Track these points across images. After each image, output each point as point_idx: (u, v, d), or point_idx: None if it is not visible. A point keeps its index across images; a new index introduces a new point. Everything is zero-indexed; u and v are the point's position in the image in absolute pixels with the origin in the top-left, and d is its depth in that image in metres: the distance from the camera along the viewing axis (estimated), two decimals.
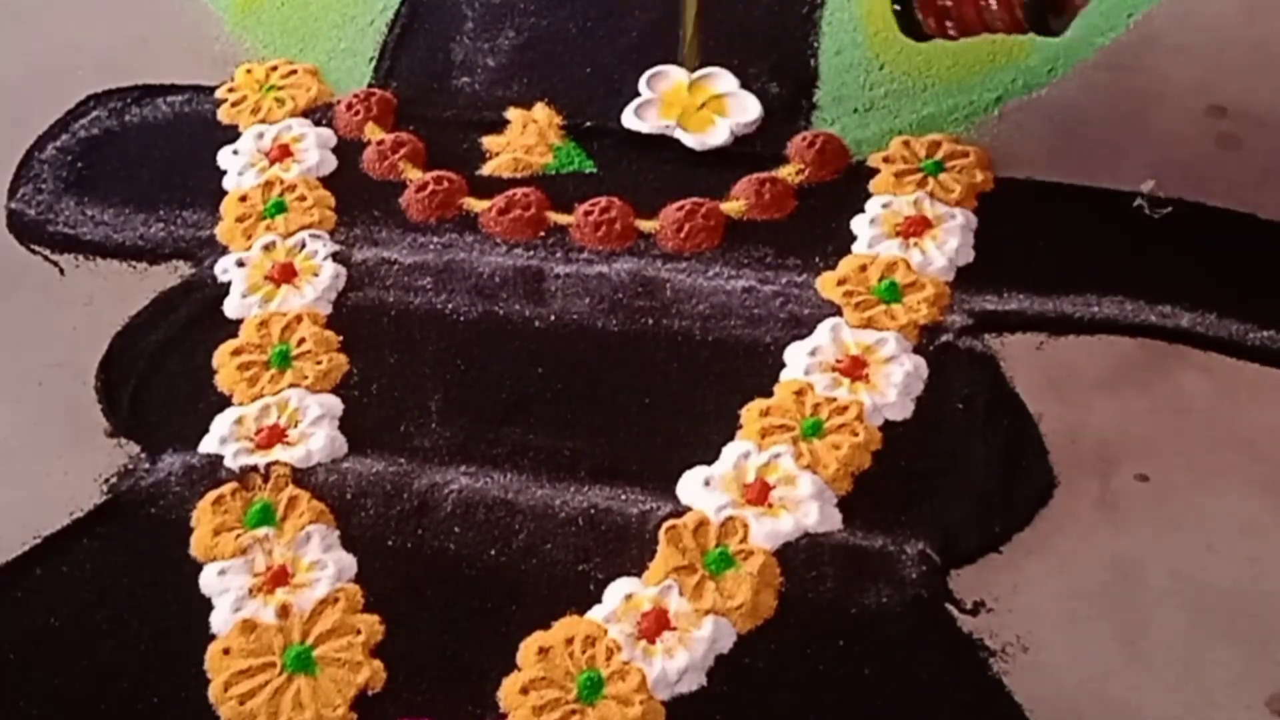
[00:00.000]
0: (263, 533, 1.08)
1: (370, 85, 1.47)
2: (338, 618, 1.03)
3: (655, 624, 1.02)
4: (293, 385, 1.19)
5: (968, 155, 1.34)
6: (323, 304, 1.26)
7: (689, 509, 1.09)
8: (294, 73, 1.48)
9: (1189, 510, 1.07)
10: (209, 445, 1.15)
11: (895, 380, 1.16)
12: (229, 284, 1.28)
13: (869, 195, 1.32)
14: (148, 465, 1.15)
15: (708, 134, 1.39)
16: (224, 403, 1.18)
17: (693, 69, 1.38)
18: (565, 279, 1.26)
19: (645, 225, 1.30)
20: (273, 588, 1.05)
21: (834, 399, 1.15)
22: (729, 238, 1.29)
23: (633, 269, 1.26)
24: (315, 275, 1.28)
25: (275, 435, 1.15)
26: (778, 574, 1.05)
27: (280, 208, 1.34)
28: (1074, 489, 1.09)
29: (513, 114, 1.43)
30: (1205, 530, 1.06)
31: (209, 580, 1.06)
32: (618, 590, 1.04)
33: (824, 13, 1.52)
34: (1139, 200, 1.29)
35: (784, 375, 1.18)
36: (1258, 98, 1.38)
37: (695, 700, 0.99)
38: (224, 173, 1.38)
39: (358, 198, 1.36)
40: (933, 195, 1.30)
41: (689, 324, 1.22)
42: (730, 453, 1.12)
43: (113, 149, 1.42)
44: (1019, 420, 1.14)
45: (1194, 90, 1.39)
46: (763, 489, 1.09)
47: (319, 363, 1.21)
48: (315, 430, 1.15)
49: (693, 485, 1.10)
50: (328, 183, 1.37)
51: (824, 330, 1.20)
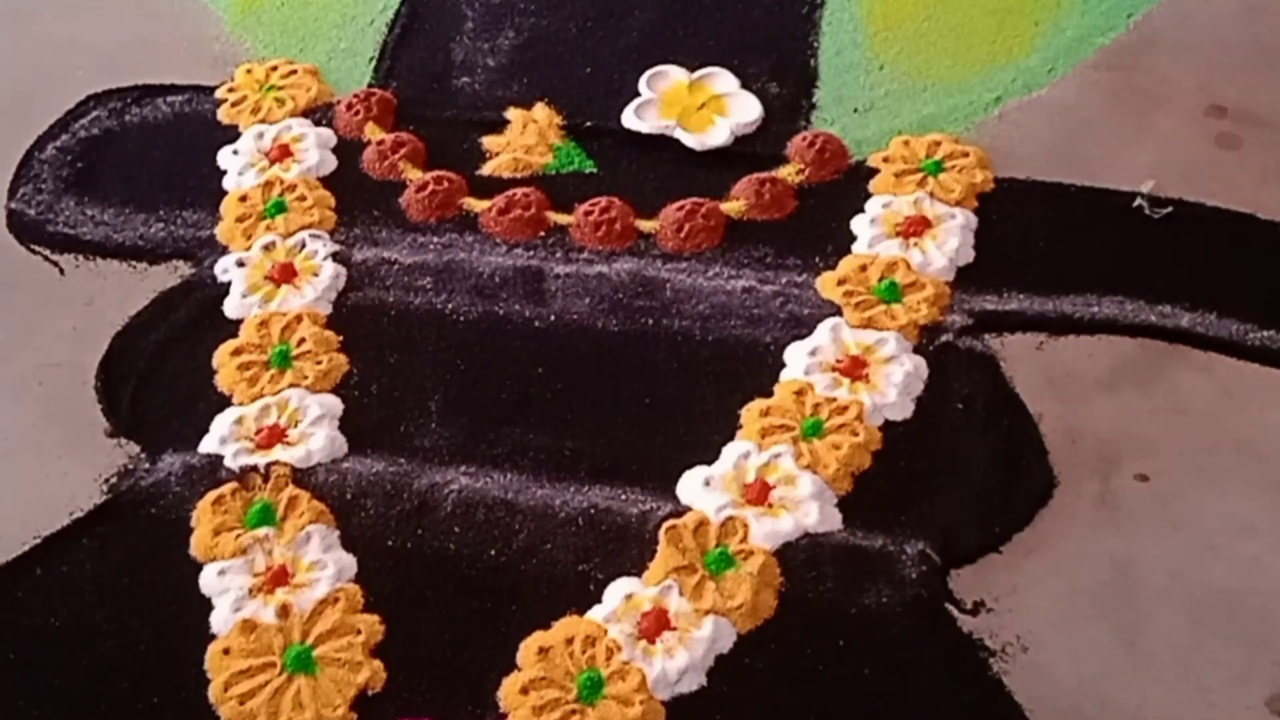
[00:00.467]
0: (263, 533, 1.08)
1: (370, 85, 1.47)
2: (338, 618, 1.03)
3: (655, 624, 1.02)
4: (293, 385, 1.19)
5: (968, 155, 1.34)
6: (323, 304, 1.26)
7: (689, 509, 1.09)
8: (294, 73, 1.48)
9: (1189, 510, 1.07)
10: (209, 445, 1.15)
11: (895, 380, 1.16)
12: (229, 284, 1.28)
13: (869, 195, 1.32)
14: (148, 465, 1.15)
15: (708, 134, 1.39)
16: (224, 403, 1.18)
17: None
18: (565, 279, 1.26)
19: (645, 225, 1.30)
20: (273, 588, 1.05)
21: (834, 399, 1.15)
22: (729, 238, 1.29)
23: (633, 269, 1.26)
24: (315, 275, 1.28)
25: (275, 435, 1.15)
26: (778, 574, 1.05)
27: (280, 208, 1.34)
28: (1074, 489, 1.09)
29: (513, 114, 1.43)
30: (1205, 530, 1.06)
31: (209, 580, 1.06)
32: (618, 590, 1.04)
33: (824, 13, 1.52)
34: (1139, 200, 1.29)
35: (784, 375, 1.18)
36: (1258, 98, 1.38)
37: (695, 700, 0.99)
38: (224, 173, 1.38)
39: (358, 198, 1.36)
40: (933, 195, 1.30)
41: (689, 324, 1.22)
42: (730, 453, 1.12)
43: (113, 149, 1.42)
44: (1019, 420, 1.14)
45: (1194, 90, 1.39)
46: (763, 489, 1.09)
47: (319, 363, 1.21)
48: (315, 430, 1.15)
49: (693, 485, 1.10)
50: (328, 183, 1.37)
51: (824, 330, 1.20)
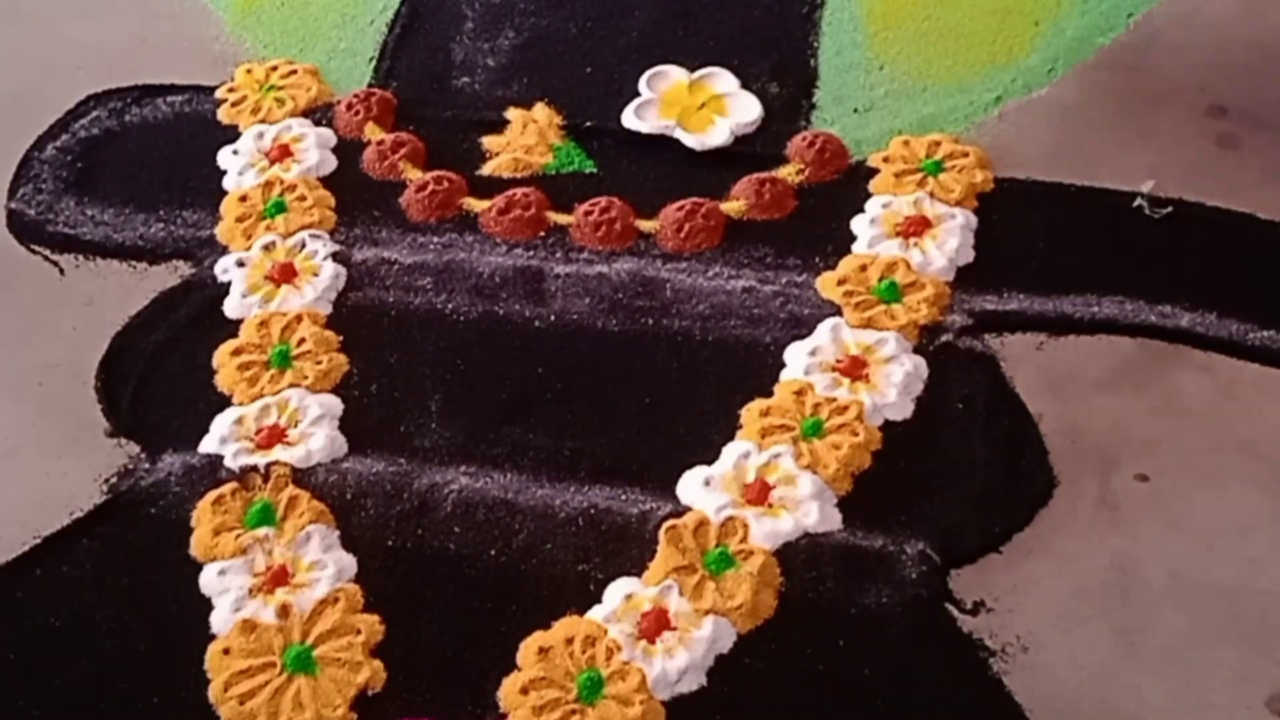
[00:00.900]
0: (263, 533, 1.08)
1: (370, 85, 1.47)
2: (338, 618, 1.03)
3: (655, 624, 1.02)
4: (293, 385, 1.19)
5: (968, 155, 1.34)
6: (323, 304, 1.26)
7: (689, 509, 1.09)
8: (294, 73, 1.48)
9: (1189, 510, 1.07)
10: (209, 445, 1.15)
11: (895, 380, 1.16)
12: (229, 284, 1.28)
13: (869, 195, 1.32)
14: (148, 465, 1.15)
15: (708, 134, 1.39)
16: (224, 403, 1.18)
17: None
18: (565, 279, 1.26)
19: (645, 225, 1.30)
20: (273, 588, 1.05)
21: (834, 399, 1.15)
22: (729, 238, 1.29)
23: (633, 269, 1.26)
24: (315, 275, 1.28)
25: (275, 435, 1.15)
26: (778, 574, 1.05)
27: (280, 208, 1.34)
28: (1074, 489, 1.09)
29: (513, 114, 1.43)
30: (1205, 530, 1.06)
31: (209, 580, 1.06)
32: (618, 590, 1.04)
33: (824, 13, 1.52)
34: (1139, 200, 1.29)
35: (784, 375, 1.18)
36: (1258, 98, 1.38)
37: (695, 700, 0.99)
38: (224, 173, 1.38)
39: (358, 198, 1.36)
40: (933, 195, 1.30)
41: (689, 324, 1.22)
42: (730, 453, 1.12)
43: (113, 149, 1.42)
44: (1019, 420, 1.14)
45: (1194, 90, 1.39)
46: (763, 489, 1.09)
47: (319, 363, 1.21)
48: (315, 430, 1.15)
49: (693, 485, 1.10)
50: (328, 183, 1.37)
51: (824, 330, 1.20)
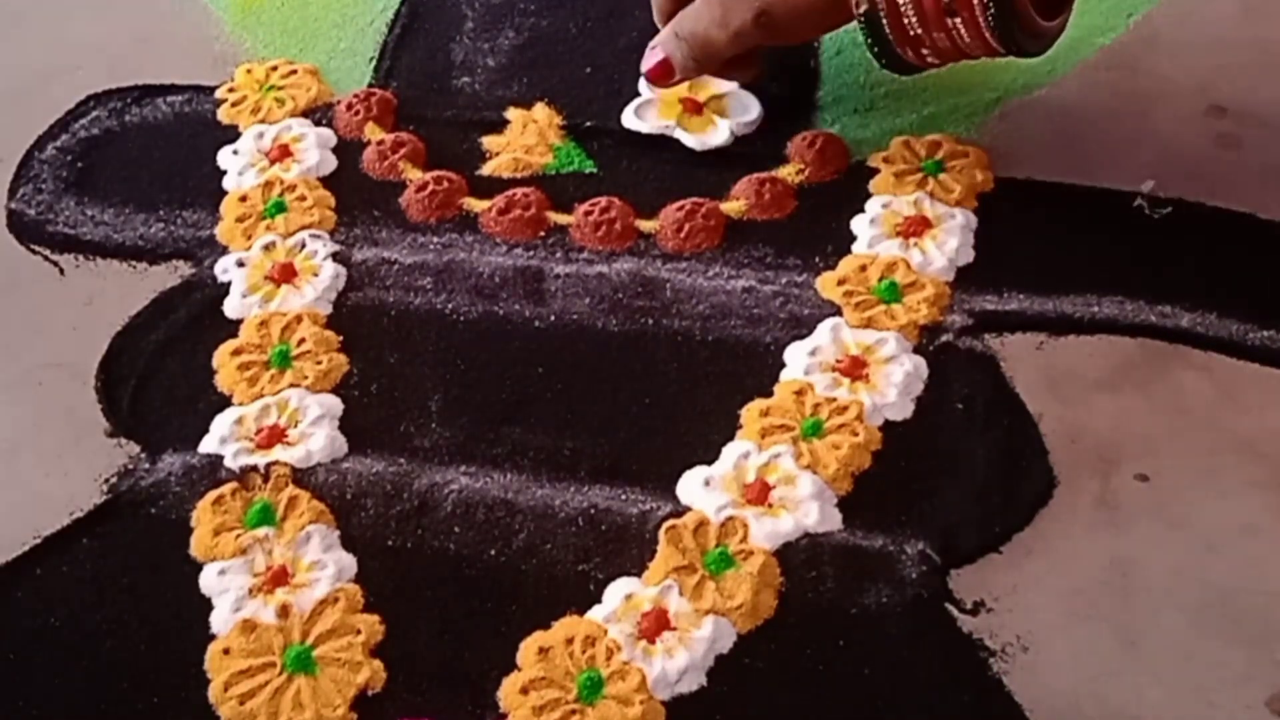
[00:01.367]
0: (263, 533, 1.08)
1: (370, 85, 1.47)
2: (338, 618, 1.03)
3: (655, 624, 1.01)
4: (293, 385, 1.19)
5: (968, 155, 1.34)
6: (323, 304, 1.26)
7: (689, 509, 1.09)
8: (294, 73, 1.48)
9: (1189, 510, 1.07)
10: (209, 445, 1.15)
11: (895, 380, 1.16)
12: (229, 284, 1.27)
13: (869, 195, 1.32)
14: (148, 465, 1.15)
15: (708, 134, 1.39)
16: (224, 403, 1.18)
17: None
18: (565, 279, 1.26)
19: (645, 225, 1.30)
20: (273, 588, 1.05)
21: (834, 399, 1.15)
22: (729, 238, 1.29)
23: (633, 269, 1.26)
24: (315, 275, 1.28)
25: (275, 435, 1.15)
26: (778, 574, 1.05)
27: (280, 208, 1.34)
28: (1074, 489, 1.09)
29: (513, 114, 1.43)
30: (1205, 530, 1.06)
31: (209, 580, 1.06)
32: (618, 590, 1.04)
33: None
34: (1139, 200, 1.29)
35: (784, 375, 1.18)
36: (1258, 98, 1.38)
37: (695, 700, 0.99)
38: (224, 173, 1.38)
39: (358, 198, 1.36)
40: (933, 195, 1.30)
41: (689, 324, 1.22)
42: (730, 453, 1.12)
43: (113, 149, 1.42)
44: (1019, 420, 1.13)
45: (1194, 90, 1.39)
46: (763, 489, 1.09)
47: (319, 363, 1.20)
48: (315, 430, 1.15)
49: (693, 485, 1.10)
50: (328, 183, 1.37)
51: (824, 330, 1.20)
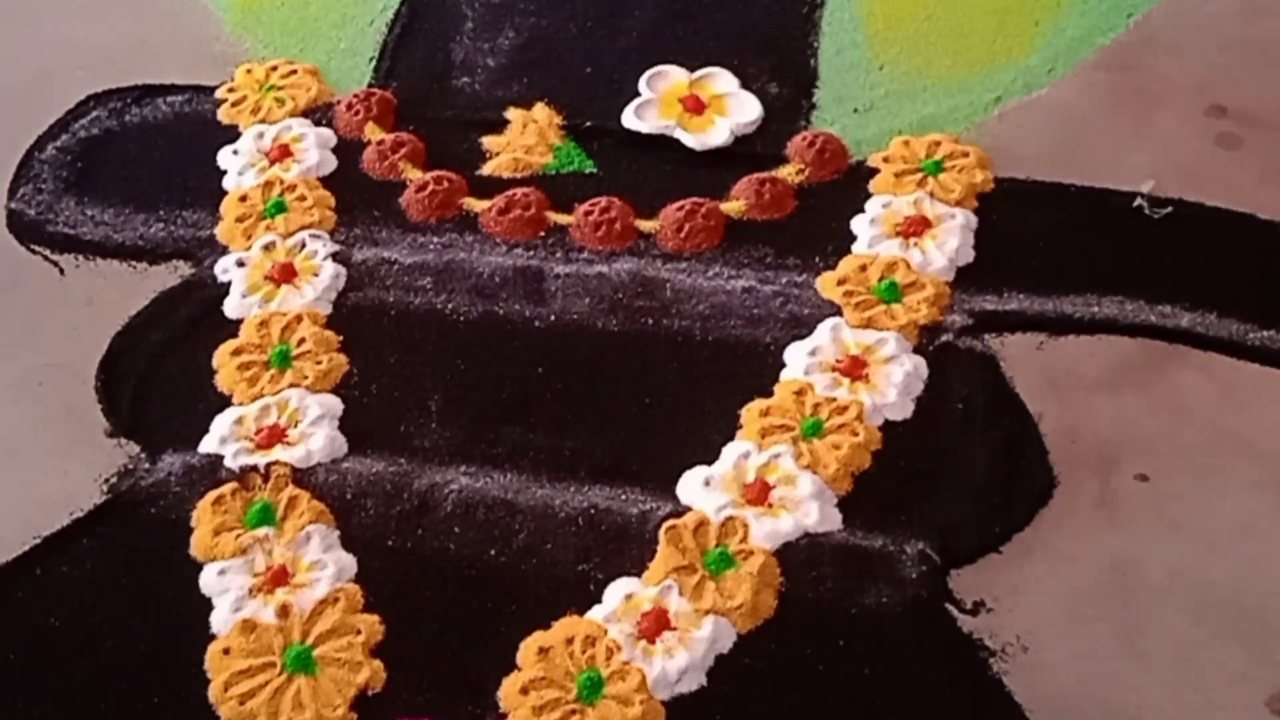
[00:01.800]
0: (263, 533, 1.08)
1: (370, 85, 1.47)
2: (338, 618, 1.03)
3: (655, 624, 1.02)
4: (293, 385, 1.19)
5: (968, 155, 1.34)
6: (323, 304, 1.26)
7: (689, 509, 1.09)
8: (294, 73, 1.48)
9: (1189, 510, 1.07)
10: (209, 445, 1.15)
11: (895, 380, 1.16)
12: (229, 284, 1.28)
13: (869, 195, 1.32)
14: (148, 465, 1.15)
15: (708, 134, 1.39)
16: (224, 403, 1.18)
17: None
18: (565, 279, 1.26)
19: (645, 225, 1.30)
20: (273, 588, 1.05)
21: (834, 399, 1.15)
22: (729, 238, 1.29)
23: (633, 269, 1.26)
24: (315, 275, 1.28)
25: (275, 435, 1.15)
26: (778, 574, 1.05)
27: (280, 208, 1.34)
28: (1074, 489, 1.09)
29: (513, 114, 1.43)
30: (1205, 530, 1.06)
31: (209, 580, 1.06)
32: (618, 590, 1.04)
33: (824, 13, 1.52)
34: (1139, 200, 1.29)
35: (784, 375, 1.18)
36: (1258, 98, 1.38)
37: (695, 700, 0.99)
38: (224, 173, 1.38)
39: (358, 198, 1.36)
40: (933, 195, 1.30)
41: (689, 324, 1.22)
42: (730, 453, 1.12)
43: (113, 149, 1.42)
44: (1019, 420, 1.14)
45: (1194, 90, 1.39)
46: (763, 489, 1.09)
47: (319, 363, 1.21)
48: (315, 430, 1.15)
49: (693, 485, 1.10)
50: (328, 183, 1.37)
51: (824, 330, 1.20)
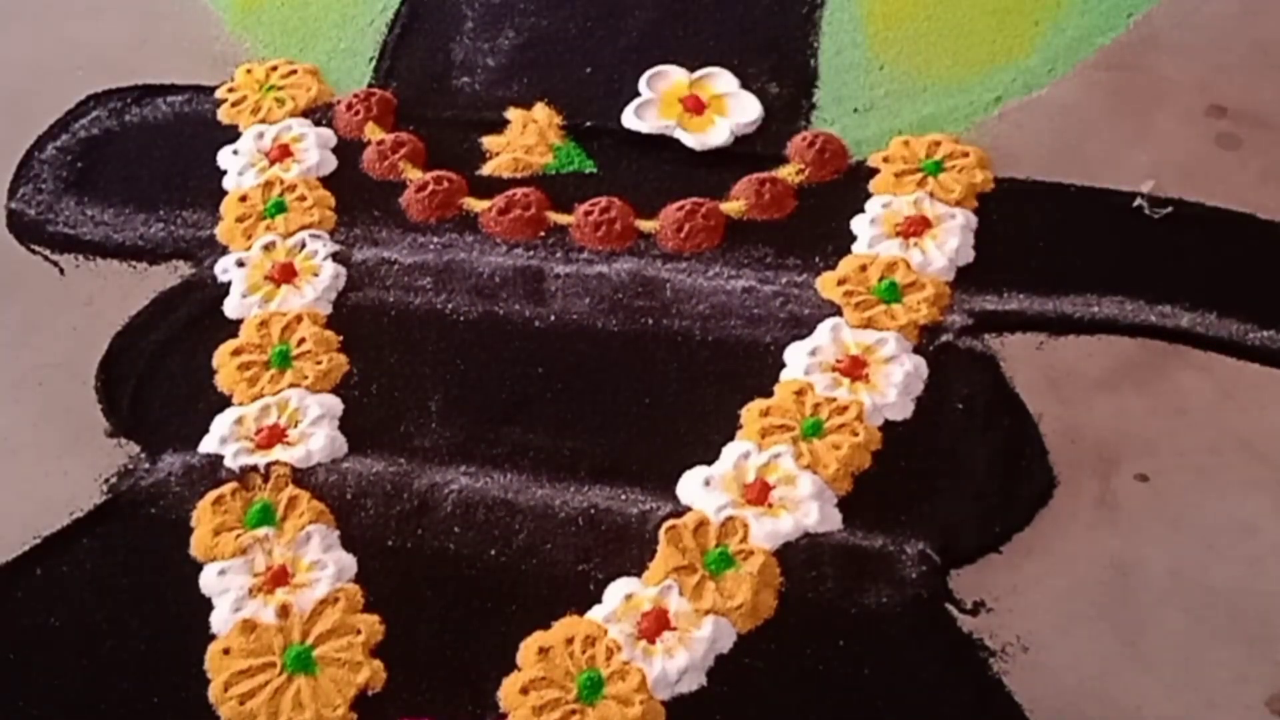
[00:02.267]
0: (263, 533, 1.08)
1: (370, 85, 1.47)
2: (338, 618, 1.03)
3: (655, 624, 1.02)
4: (293, 385, 1.19)
5: (968, 155, 1.34)
6: (323, 304, 1.26)
7: (689, 509, 1.09)
8: (294, 73, 1.48)
9: (1189, 510, 1.07)
10: (209, 445, 1.15)
11: (895, 380, 1.16)
12: (229, 284, 1.28)
13: (869, 195, 1.32)
14: (148, 465, 1.15)
15: (708, 134, 1.39)
16: (224, 403, 1.18)
17: None
18: (565, 279, 1.26)
19: (645, 225, 1.30)
20: (273, 588, 1.05)
21: (834, 399, 1.15)
22: (729, 238, 1.29)
23: (633, 269, 1.26)
24: (315, 275, 1.28)
25: (275, 435, 1.15)
26: (778, 574, 1.05)
27: (280, 208, 1.34)
28: (1074, 489, 1.09)
29: (513, 114, 1.43)
30: (1205, 530, 1.06)
31: (209, 580, 1.06)
32: (618, 590, 1.04)
33: (824, 13, 1.52)
34: (1139, 200, 1.29)
35: (784, 375, 1.18)
36: (1258, 98, 1.38)
37: (695, 700, 0.99)
38: (224, 173, 1.38)
39: (358, 198, 1.36)
40: (933, 195, 1.30)
41: (689, 324, 1.22)
42: (730, 453, 1.12)
43: (113, 149, 1.42)
44: (1019, 420, 1.14)
45: (1194, 90, 1.39)
46: (763, 489, 1.09)
47: (319, 363, 1.21)
48: (315, 430, 1.15)
49: (693, 485, 1.10)
50: (328, 183, 1.37)
51: (824, 330, 1.20)
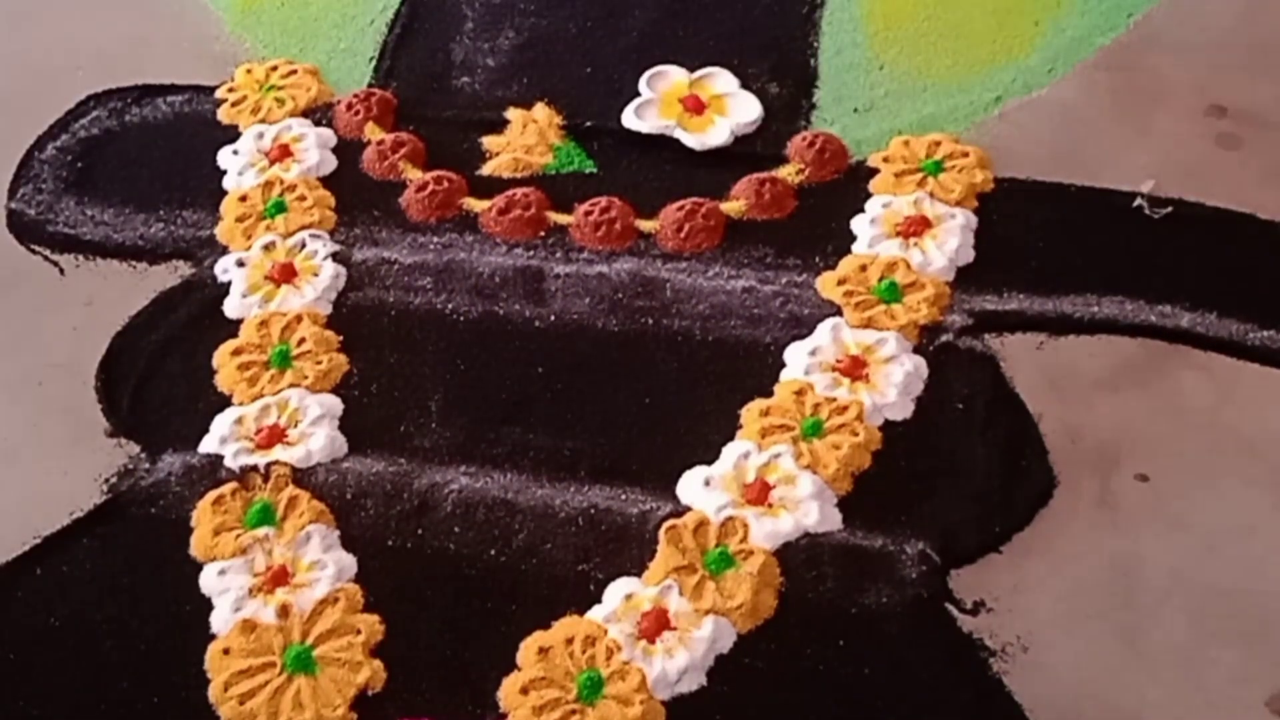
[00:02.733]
0: (263, 533, 1.08)
1: (370, 85, 1.47)
2: (338, 618, 1.03)
3: (655, 624, 1.02)
4: (293, 385, 1.19)
5: (968, 155, 1.34)
6: (323, 304, 1.26)
7: (689, 509, 1.09)
8: (294, 73, 1.48)
9: (1189, 510, 1.07)
10: (209, 445, 1.15)
11: (895, 380, 1.16)
12: (229, 284, 1.28)
13: (869, 195, 1.32)
14: (148, 465, 1.15)
15: (708, 134, 1.39)
16: (224, 403, 1.18)
17: None
18: (565, 279, 1.26)
19: (645, 225, 1.30)
20: (273, 588, 1.05)
21: (834, 399, 1.15)
22: (729, 238, 1.29)
23: (633, 269, 1.26)
24: (315, 275, 1.28)
25: (275, 435, 1.15)
26: (778, 574, 1.05)
27: (280, 208, 1.34)
28: (1074, 489, 1.09)
29: (513, 114, 1.43)
30: (1205, 530, 1.06)
31: (209, 580, 1.06)
32: (618, 590, 1.04)
33: (824, 13, 1.52)
34: (1139, 200, 1.29)
35: (784, 375, 1.18)
36: (1258, 98, 1.38)
37: (695, 700, 0.99)
38: (224, 173, 1.38)
39: (358, 198, 1.36)
40: (933, 195, 1.30)
41: (689, 324, 1.22)
42: (730, 453, 1.12)
43: (113, 149, 1.42)
44: (1019, 420, 1.14)
45: (1194, 90, 1.39)
46: (763, 489, 1.09)
47: (319, 363, 1.21)
48: (315, 430, 1.15)
49: (693, 485, 1.10)
50: (328, 183, 1.37)
51: (824, 330, 1.20)
